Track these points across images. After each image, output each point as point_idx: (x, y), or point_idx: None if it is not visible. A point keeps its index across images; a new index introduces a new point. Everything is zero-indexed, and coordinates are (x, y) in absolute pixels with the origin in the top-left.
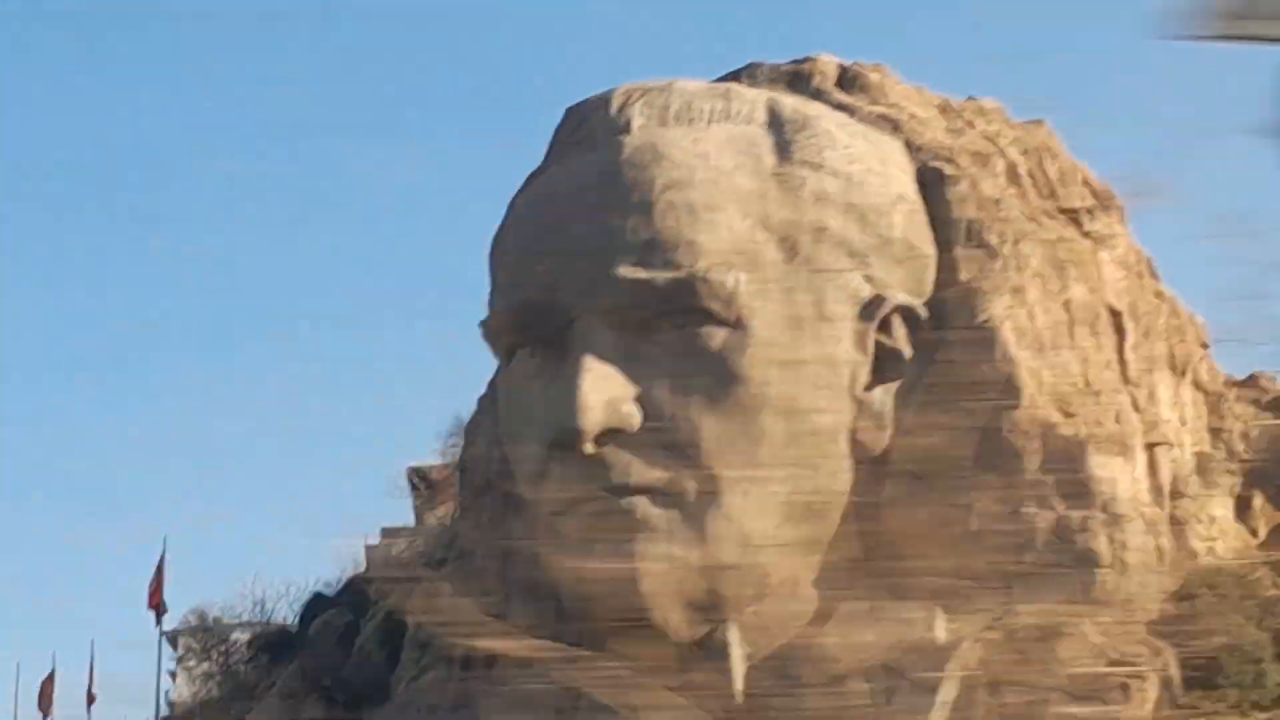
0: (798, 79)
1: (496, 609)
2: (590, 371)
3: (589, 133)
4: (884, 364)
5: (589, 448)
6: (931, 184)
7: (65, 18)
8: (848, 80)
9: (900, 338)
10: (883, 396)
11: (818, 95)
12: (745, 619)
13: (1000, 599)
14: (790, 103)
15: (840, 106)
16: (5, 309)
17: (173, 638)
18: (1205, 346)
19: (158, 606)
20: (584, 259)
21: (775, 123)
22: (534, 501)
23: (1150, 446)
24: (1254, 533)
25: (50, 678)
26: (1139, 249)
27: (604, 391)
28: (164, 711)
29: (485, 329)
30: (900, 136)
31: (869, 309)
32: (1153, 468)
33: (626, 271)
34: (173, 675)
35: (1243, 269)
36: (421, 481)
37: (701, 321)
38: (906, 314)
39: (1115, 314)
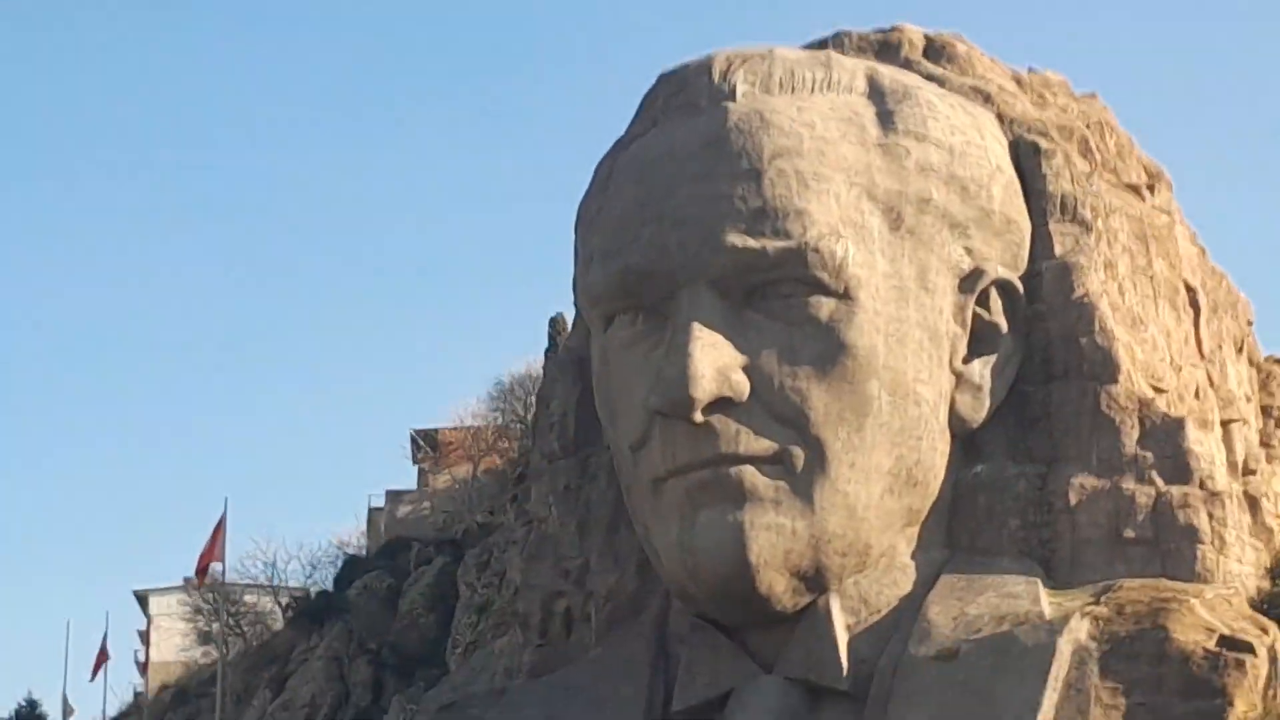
0: (886, 48)
1: (575, 575)
2: (700, 339)
3: (690, 99)
4: (981, 337)
5: (698, 416)
6: (1026, 157)
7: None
8: (935, 50)
9: (997, 311)
10: (981, 369)
11: (907, 65)
12: (846, 589)
13: (1102, 574)
14: (888, 72)
15: (930, 77)
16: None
17: (142, 597)
18: (1250, 324)
19: (205, 569)
20: (691, 226)
21: (876, 92)
22: (634, 469)
23: (1225, 423)
24: None
25: (104, 643)
26: (1188, 225)
27: (714, 359)
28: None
29: (583, 295)
30: (992, 108)
31: (968, 281)
32: (1229, 444)
33: (736, 239)
34: (143, 635)
35: None
36: (426, 444)
37: (809, 291)
38: (1003, 287)
39: (1190, 289)
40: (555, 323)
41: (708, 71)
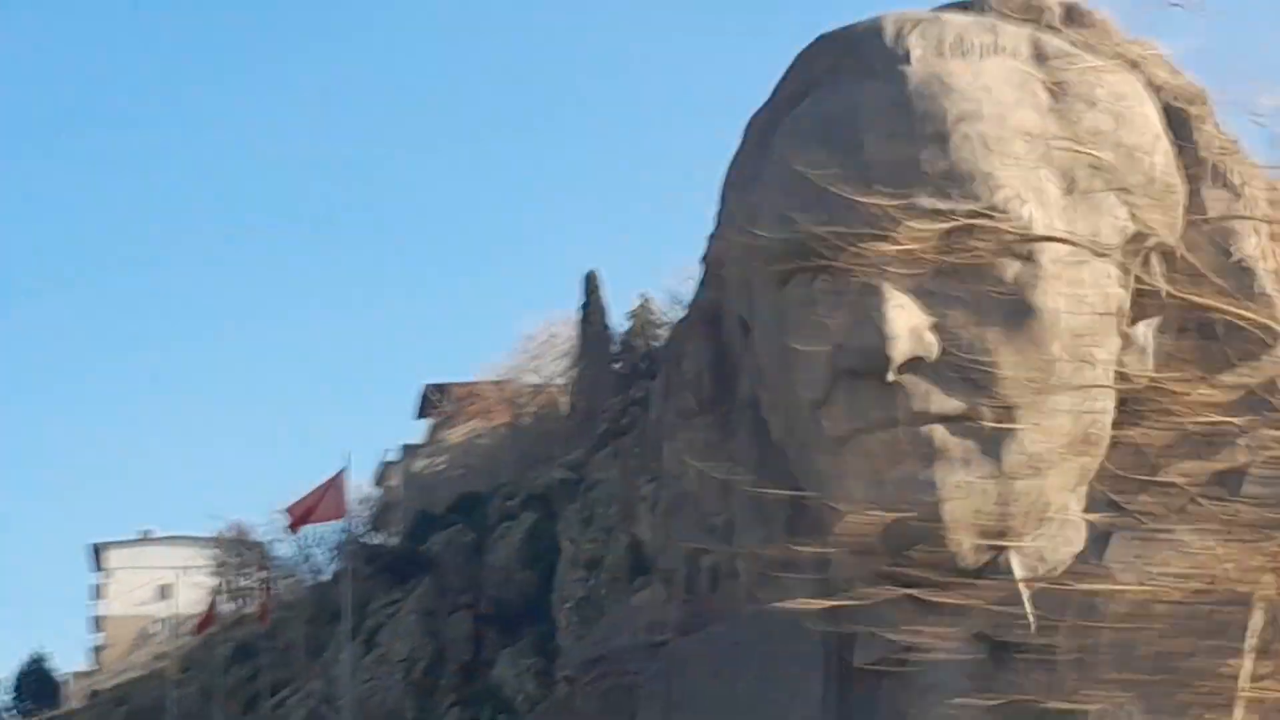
0: (1029, 10)
1: (721, 532)
2: (892, 299)
3: (863, 61)
4: (1143, 300)
5: (892, 375)
6: (1178, 124)
7: None
8: (1073, 16)
9: (1158, 274)
10: (1144, 331)
11: (1052, 29)
12: (1024, 546)
13: (1271, 535)
14: (1048, 39)
15: (1074, 44)
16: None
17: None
18: None
19: (302, 519)
20: (879, 187)
21: (1040, 58)
22: (813, 426)
23: None
24: None
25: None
26: None
27: (907, 319)
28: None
29: (751, 253)
30: (1139, 75)
31: (1132, 245)
32: None
33: (925, 201)
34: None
35: None
36: (441, 398)
37: (994, 253)
38: (1164, 251)
39: None
40: (590, 278)
41: (879, 34)
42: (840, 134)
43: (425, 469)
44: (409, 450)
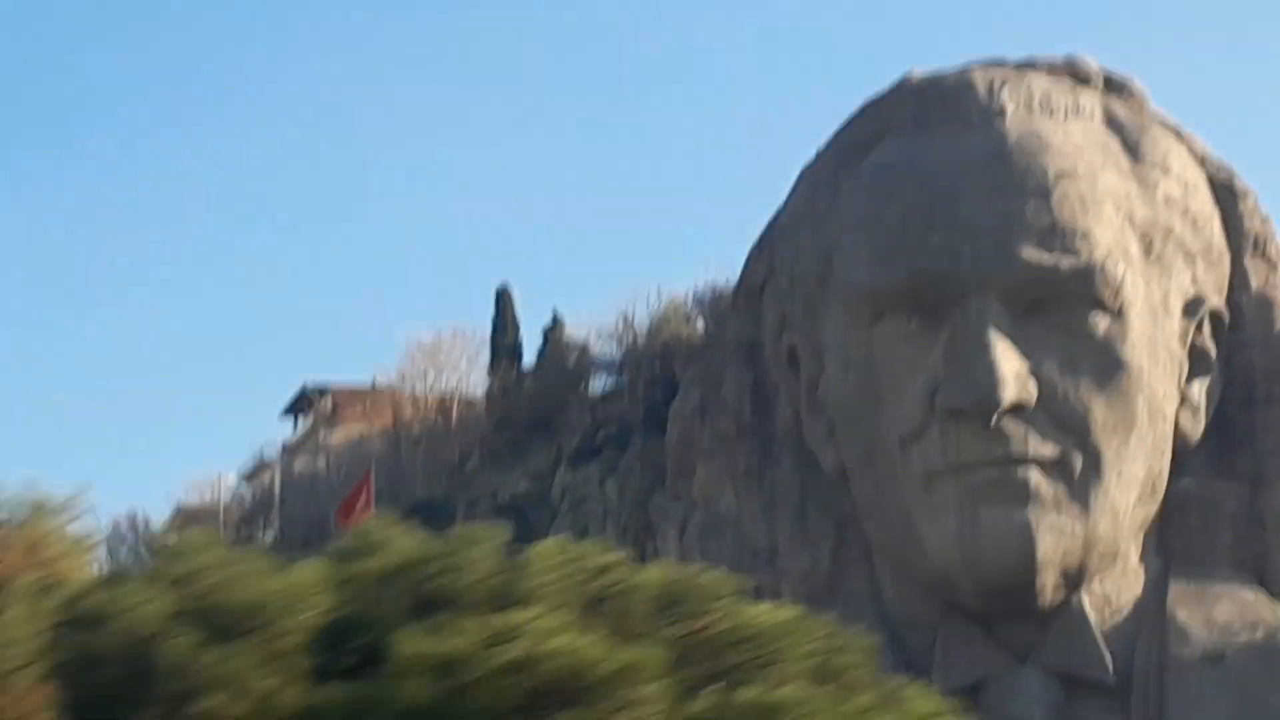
0: (1076, 77)
1: (765, 556)
2: (998, 346)
3: (957, 113)
4: (1196, 360)
5: (995, 419)
6: (1223, 196)
7: None
8: (1114, 85)
9: (1208, 337)
10: (1199, 390)
11: (1104, 97)
12: (1093, 588)
13: None
14: (1114, 105)
15: (1120, 111)
16: None
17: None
18: None
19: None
20: (985, 236)
21: (1115, 124)
22: (900, 460)
23: None
24: None
25: None
26: None
27: (1013, 366)
28: None
29: (856, 292)
30: (1183, 145)
31: (1191, 308)
32: None
33: (1030, 254)
34: None
35: None
36: (320, 400)
37: (1089, 307)
38: (1215, 316)
39: None
40: (503, 295)
41: (970, 88)
42: (939, 184)
43: (306, 468)
44: (288, 449)
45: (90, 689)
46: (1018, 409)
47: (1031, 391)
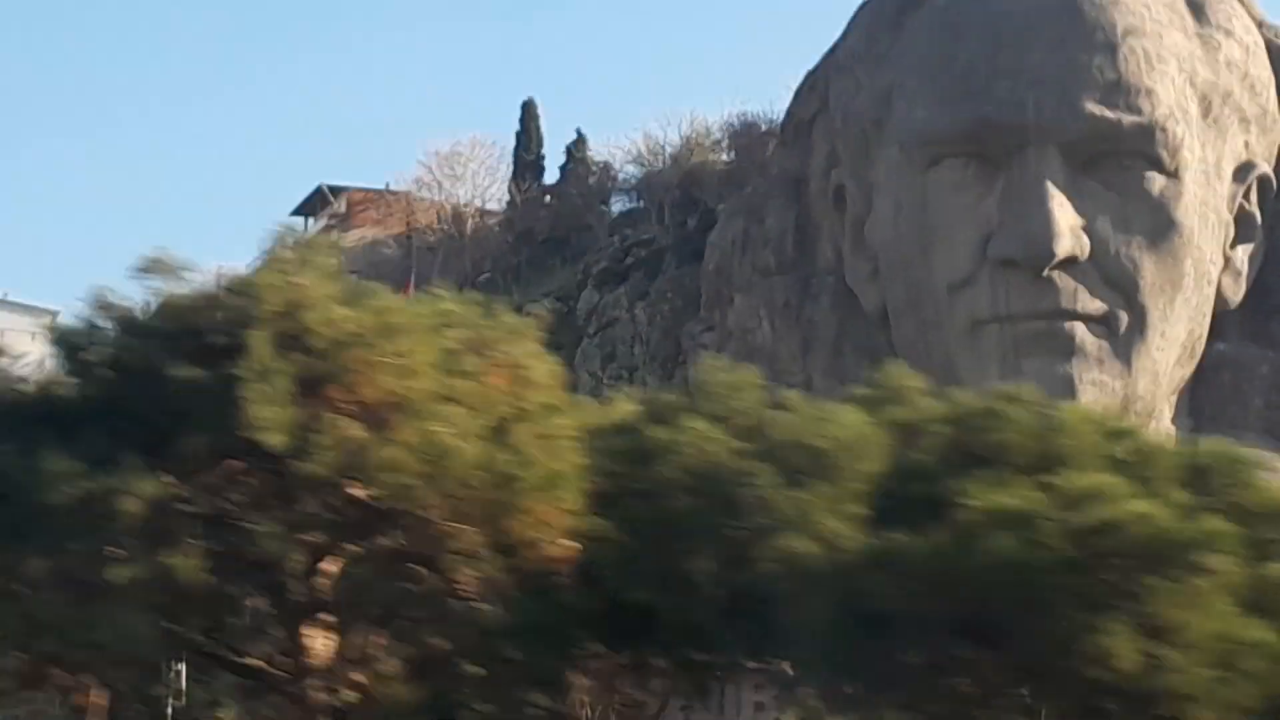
0: None
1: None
2: (1056, 199)
3: None
4: (1242, 225)
5: (1048, 270)
6: (1276, 60)
7: None
8: None
9: (1255, 203)
10: (1243, 255)
11: None
12: None
13: None
14: None
15: None
16: None
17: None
18: None
19: None
20: (1050, 87)
21: None
22: (947, 306)
23: None
24: None
25: None
26: None
27: (1069, 219)
28: None
29: (916, 134)
30: (1244, 7)
31: (1241, 172)
32: None
33: (1093, 108)
34: None
35: None
36: (335, 199)
37: (1145, 166)
38: (1263, 182)
39: None
40: (528, 108)
41: None
42: (1007, 31)
43: None
44: None
45: (645, 519)
46: (1069, 263)
47: (1084, 246)
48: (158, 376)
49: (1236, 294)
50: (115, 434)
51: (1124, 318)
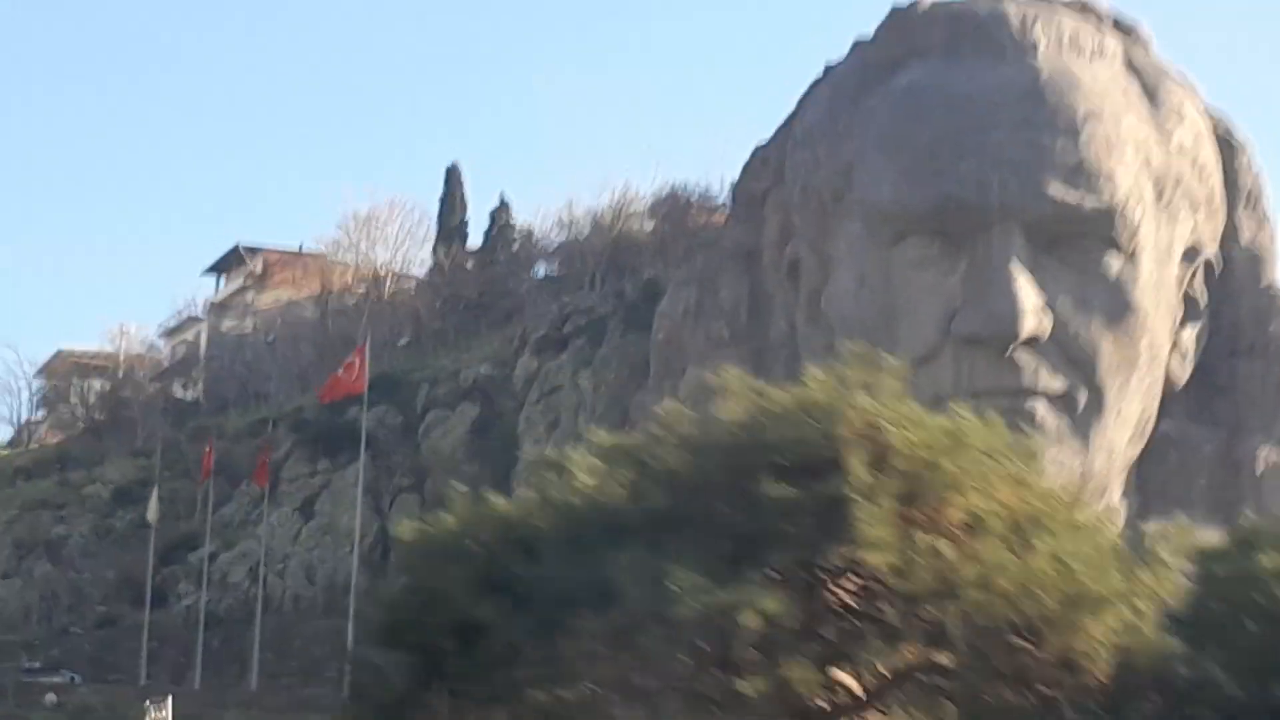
0: (1085, 13)
1: None
2: (1020, 278)
3: (989, 44)
4: (1188, 307)
5: (1011, 349)
6: (1223, 149)
7: None
8: (1123, 27)
9: (1201, 286)
10: (1189, 336)
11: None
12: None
13: None
14: (1133, 49)
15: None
16: None
17: None
18: None
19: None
20: (1014, 169)
21: (1132, 68)
22: (911, 383)
23: None
24: None
25: None
26: None
27: (1032, 299)
28: None
29: (881, 211)
30: (1193, 94)
31: (1189, 255)
32: None
33: (1057, 190)
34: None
35: None
36: (252, 259)
37: (1104, 247)
38: (1208, 265)
39: None
40: (452, 173)
41: (1004, 19)
42: (970, 112)
43: (233, 328)
44: (215, 308)
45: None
46: (1031, 341)
47: (1047, 325)
48: (739, 492)
49: (1182, 374)
50: (698, 546)
51: (1083, 396)
